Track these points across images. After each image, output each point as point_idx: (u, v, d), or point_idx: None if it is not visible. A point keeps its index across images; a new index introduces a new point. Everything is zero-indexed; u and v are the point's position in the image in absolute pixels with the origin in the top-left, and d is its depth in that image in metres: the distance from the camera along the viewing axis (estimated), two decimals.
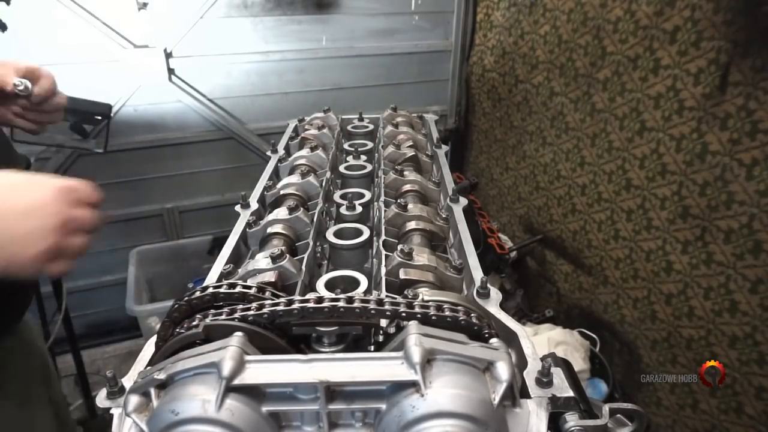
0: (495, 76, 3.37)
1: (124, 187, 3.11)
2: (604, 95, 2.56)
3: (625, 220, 2.57)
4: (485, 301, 0.86)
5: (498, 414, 0.58)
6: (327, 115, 1.73)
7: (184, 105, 3.02)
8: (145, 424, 0.59)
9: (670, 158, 2.27)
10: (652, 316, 2.51)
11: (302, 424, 0.62)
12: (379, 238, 1.07)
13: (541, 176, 3.11)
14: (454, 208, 1.18)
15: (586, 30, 2.61)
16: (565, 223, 2.97)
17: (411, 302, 0.68)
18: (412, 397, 0.56)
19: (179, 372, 0.59)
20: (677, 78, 2.18)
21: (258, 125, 3.24)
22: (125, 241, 3.18)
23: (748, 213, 1.99)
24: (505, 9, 3.18)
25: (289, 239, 1.08)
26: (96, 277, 3.23)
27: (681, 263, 2.31)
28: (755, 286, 2.02)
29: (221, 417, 0.55)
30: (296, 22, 3.10)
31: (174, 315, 0.71)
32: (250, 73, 3.13)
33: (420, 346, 0.58)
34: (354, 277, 0.88)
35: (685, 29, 2.12)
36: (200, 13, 2.86)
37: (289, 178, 1.30)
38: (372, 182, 1.41)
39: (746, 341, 2.08)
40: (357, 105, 2.22)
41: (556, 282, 3.14)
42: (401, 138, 1.52)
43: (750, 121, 1.92)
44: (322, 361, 0.59)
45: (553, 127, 2.94)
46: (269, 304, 0.67)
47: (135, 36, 2.78)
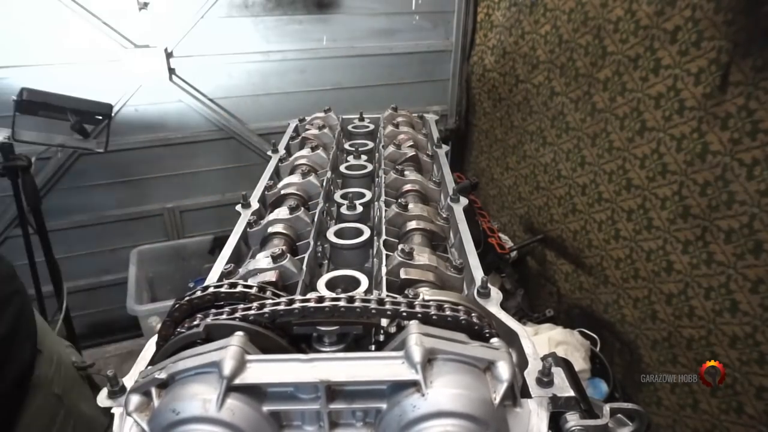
0: (495, 76, 3.36)
1: (125, 187, 3.11)
2: (605, 95, 2.56)
3: (625, 220, 2.57)
4: (486, 301, 0.86)
5: (499, 413, 0.58)
6: (328, 115, 1.73)
7: (184, 105, 3.02)
8: (146, 423, 0.59)
9: (671, 158, 2.27)
10: (652, 315, 2.51)
11: (303, 423, 0.62)
12: (379, 238, 1.07)
13: (542, 176, 3.11)
14: (455, 207, 1.18)
15: (586, 30, 2.61)
16: (566, 222, 2.97)
17: (412, 302, 0.68)
18: (412, 396, 0.56)
19: (180, 371, 0.59)
20: (678, 78, 2.18)
21: (259, 125, 3.25)
22: (126, 240, 3.18)
23: (748, 213, 1.99)
24: (505, 9, 3.18)
25: (289, 239, 1.08)
26: (97, 277, 3.23)
27: (681, 263, 2.30)
28: (756, 286, 2.02)
29: (222, 416, 0.55)
30: (297, 21, 3.10)
31: (175, 314, 0.71)
32: (250, 73, 3.13)
33: (421, 345, 0.58)
34: (355, 276, 0.88)
35: (685, 29, 2.12)
36: (201, 13, 2.86)
37: (290, 177, 1.30)
38: (372, 182, 1.41)
39: (747, 341, 2.08)
40: (358, 105, 2.22)
41: (556, 282, 3.14)
42: (402, 138, 1.52)
43: (750, 120, 1.92)
44: (323, 361, 0.59)
45: (554, 127, 2.94)
46: (270, 304, 0.67)
47: (136, 36, 2.78)
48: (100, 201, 3.06)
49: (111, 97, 2.72)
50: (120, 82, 2.83)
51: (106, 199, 3.08)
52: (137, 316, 2.65)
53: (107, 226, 3.15)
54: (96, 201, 3.04)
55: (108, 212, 3.12)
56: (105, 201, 3.08)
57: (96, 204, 3.05)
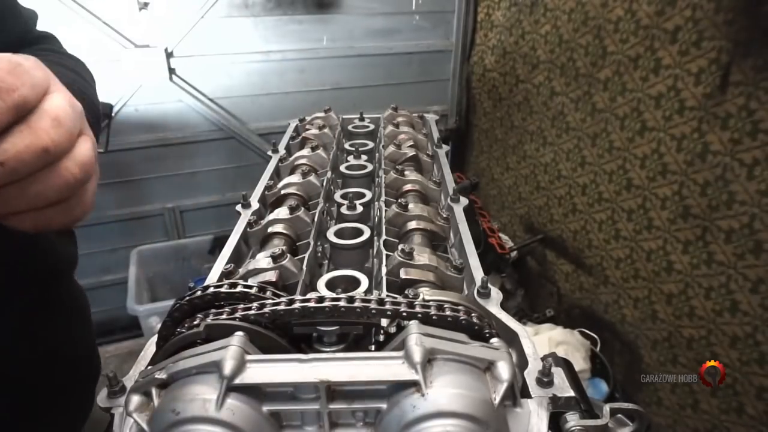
0: (496, 76, 3.36)
1: (125, 187, 3.11)
2: (605, 95, 2.56)
3: (625, 220, 2.57)
4: (486, 301, 0.86)
5: (499, 414, 0.58)
6: (328, 115, 1.73)
7: (185, 105, 3.02)
8: (146, 423, 0.59)
9: (671, 158, 2.27)
10: (652, 315, 2.51)
11: (303, 423, 0.62)
12: (379, 238, 1.07)
13: (542, 176, 3.10)
14: (455, 207, 1.18)
15: (587, 30, 2.60)
16: (566, 222, 2.97)
17: (412, 302, 0.68)
18: (412, 396, 0.56)
19: (180, 371, 0.59)
20: (678, 78, 2.18)
21: (259, 125, 3.25)
22: (126, 240, 3.18)
23: (749, 213, 1.99)
24: (505, 8, 3.18)
25: (290, 239, 1.08)
26: (97, 277, 3.23)
27: (682, 263, 2.30)
28: (756, 286, 2.02)
29: (222, 416, 0.55)
30: (297, 21, 3.11)
31: (175, 314, 0.71)
32: (250, 73, 3.13)
33: (421, 345, 0.58)
34: (355, 276, 0.88)
35: (686, 29, 2.12)
36: (201, 13, 2.86)
37: (290, 177, 1.30)
38: (373, 182, 1.41)
39: (747, 341, 2.08)
40: (358, 105, 2.22)
41: (556, 282, 3.14)
42: (402, 138, 1.51)
43: (751, 120, 1.92)
44: (323, 361, 0.59)
45: (554, 127, 2.94)
46: (270, 304, 0.67)
47: (136, 36, 2.78)
48: (100, 201, 3.04)
49: (111, 97, 2.73)
50: (120, 82, 2.83)
51: (106, 199, 3.08)
52: (137, 316, 2.66)
53: (107, 226, 3.15)
54: (96, 201, 3.04)
55: (108, 212, 3.12)
56: (105, 201, 3.08)
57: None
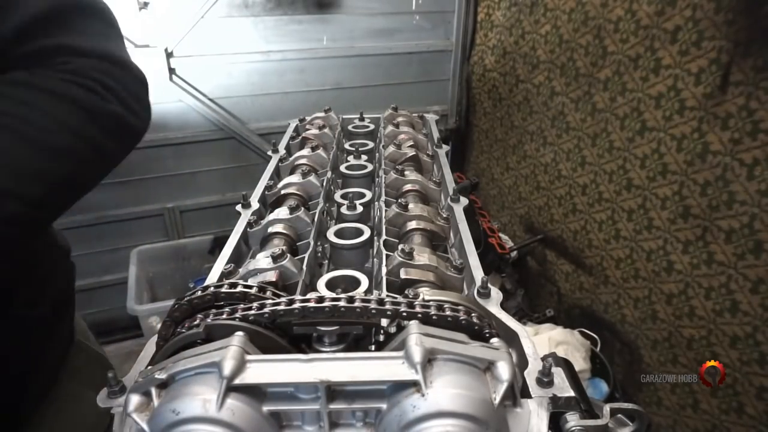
0: (496, 76, 3.36)
1: (125, 187, 3.11)
2: (605, 95, 2.56)
3: (625, 220, 2.57)
4: (486, 301, 0.86)
5: (499, 414, 0.58)
6: (328, 115, 1.73)
7: (184, 105, 3.02)
8: (146, 423, 0.59)
9: (671, 158, 2.27)
10: (652, 315, 2.51)
11: (303, 423, 0.62)
12: (379, 238, 1.07)
13: (542, 176, 3.10)
14: (455, 207, 1.18)
15: (587, 30, 2.60)
16: (566, 222, 2.97)
17: (412, 302, 0.68)
18: (412, 396, 0.56)
19: (180, 371, 0.59)
20: (678, 78, 2.18)
21: (259, 125, 3.25)
22: (126, 240, 3.18)
23: (749, 213, 1.99)
24: (505, 8, 3.18)
25: (290, 239, 1.08)
26: (97, 277, 3.23)
27: (682, 263, 2.30)
28: (756, 286, 2.02)
29: (222, 416, 0.55)
30: (297, 21, 3.10)
31: (175, 314, 0.71)
32: (250, 73, 3.13)
33: (421, 345, 0.58)
34: (355, 276, 0.88)
35: (686, 29, 2.12)
36: (201, 13, 2.86)
37: (290, 177, 1.30)
38: (373, 182, 1.41)
39: (747, 341, 2.08)
40: (358, 105, 2.22)
41: (556, 282, 3.14)
42: (402, 138, 1.51)
43: (751, 120, 1.92)
44: (323, 361, 0.59)
45: (554, 127, 2.94)
46: (270, 304, 0.67)
47: (136, 36, 2.78)
48: (100, 201, 3.06)
49: None
50: None
51: (106, 199, 3.07)
52: (137, 316, 2.65)
53: (107, 226, 3.15)
54: (96, 201, 3.04)
55: (108, 212, 3.11)
56: (105, 201, 3.08)
57: (96, 204, 3.05)
